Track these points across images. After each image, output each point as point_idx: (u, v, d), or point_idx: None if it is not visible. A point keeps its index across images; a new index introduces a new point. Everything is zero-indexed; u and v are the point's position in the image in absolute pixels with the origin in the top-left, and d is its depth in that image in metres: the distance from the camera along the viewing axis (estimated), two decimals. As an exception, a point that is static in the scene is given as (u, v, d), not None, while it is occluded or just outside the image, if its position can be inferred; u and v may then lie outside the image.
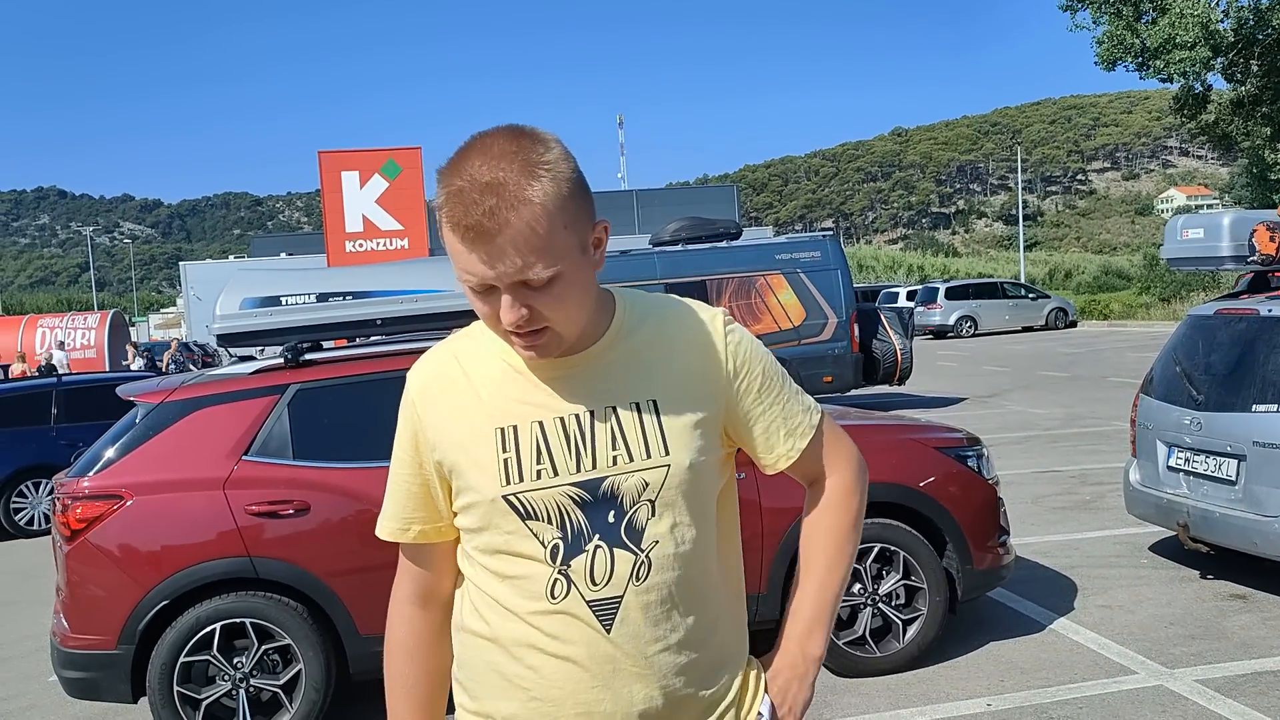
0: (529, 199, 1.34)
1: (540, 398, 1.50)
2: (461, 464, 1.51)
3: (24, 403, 11.00)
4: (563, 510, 1.48)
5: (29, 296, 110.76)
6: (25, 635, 6.68)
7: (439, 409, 1.54)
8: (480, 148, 1.37)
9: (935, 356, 24.41)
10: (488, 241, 1.34)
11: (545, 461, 1.48)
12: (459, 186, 1.35)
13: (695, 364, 1.54)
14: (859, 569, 4.89)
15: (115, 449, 4.58)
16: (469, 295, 1.42)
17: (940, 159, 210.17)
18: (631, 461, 1.48)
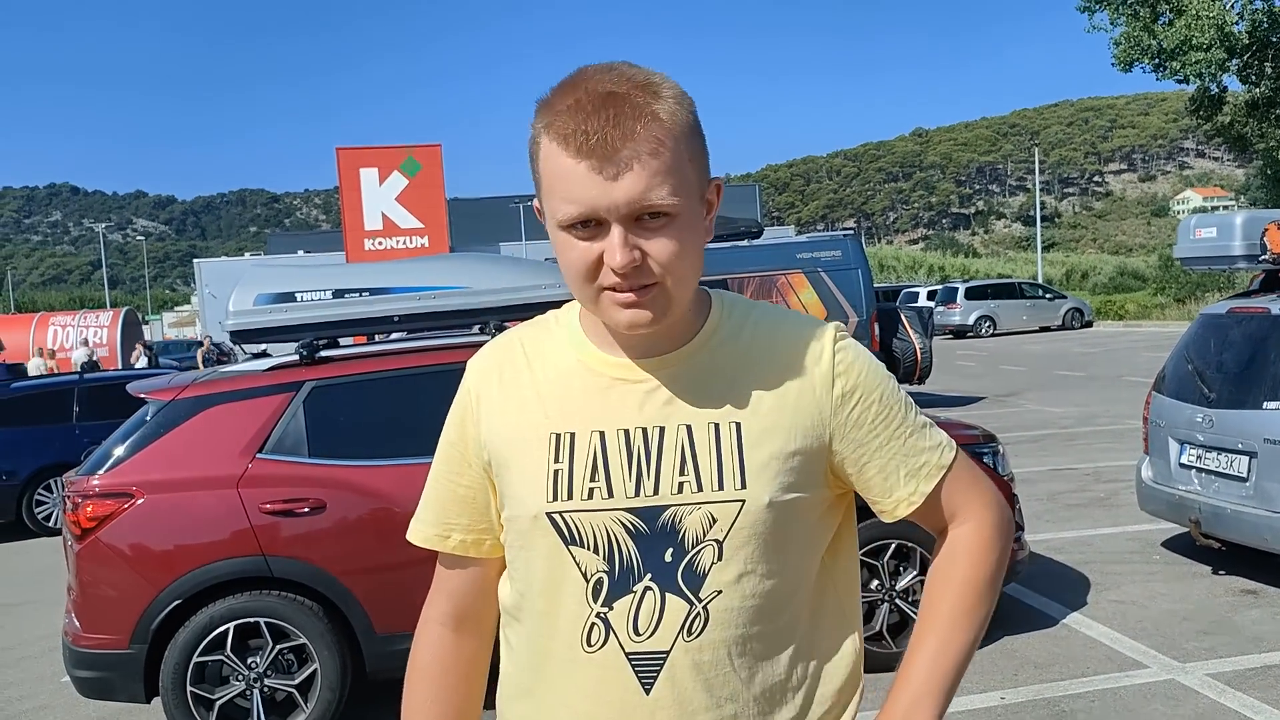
0: (656, 113, 1.16)
1: (606, 403, 1.28)
2: (510, 468, 1.31)
3: (46, 400, 11.02)
4: (613, 539, 1.25)
5: (41, 294, 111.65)
6: (39, 635, 6.70)
7: (495, 403, 1.34)
8: (594, 70, 1.20)
9: (954, 356, 24.32)
10: (607, 155, 1.14)
11: (600, 479, 1.25)
12: (575, 99, 1.16)
13: (795, 385, 1.29)
14: (876, 565, 4.86)
15: (125, 447, 4.57)
16: (561, 243, 1.20)
17: (960, 160, 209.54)
18: (699, 491, 1.24)
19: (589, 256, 1.18)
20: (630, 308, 1.19)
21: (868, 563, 4.87)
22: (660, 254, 1.17)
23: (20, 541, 10.31)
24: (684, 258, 1.19)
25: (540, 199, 1.24)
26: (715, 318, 1.32)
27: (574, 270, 1.20)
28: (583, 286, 1.20)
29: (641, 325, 1.20)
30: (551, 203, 1.19)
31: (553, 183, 1.18)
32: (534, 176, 1.23)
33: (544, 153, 1.18)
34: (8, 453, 10.56)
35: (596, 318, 1.28)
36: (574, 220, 1.17)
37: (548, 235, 1.24)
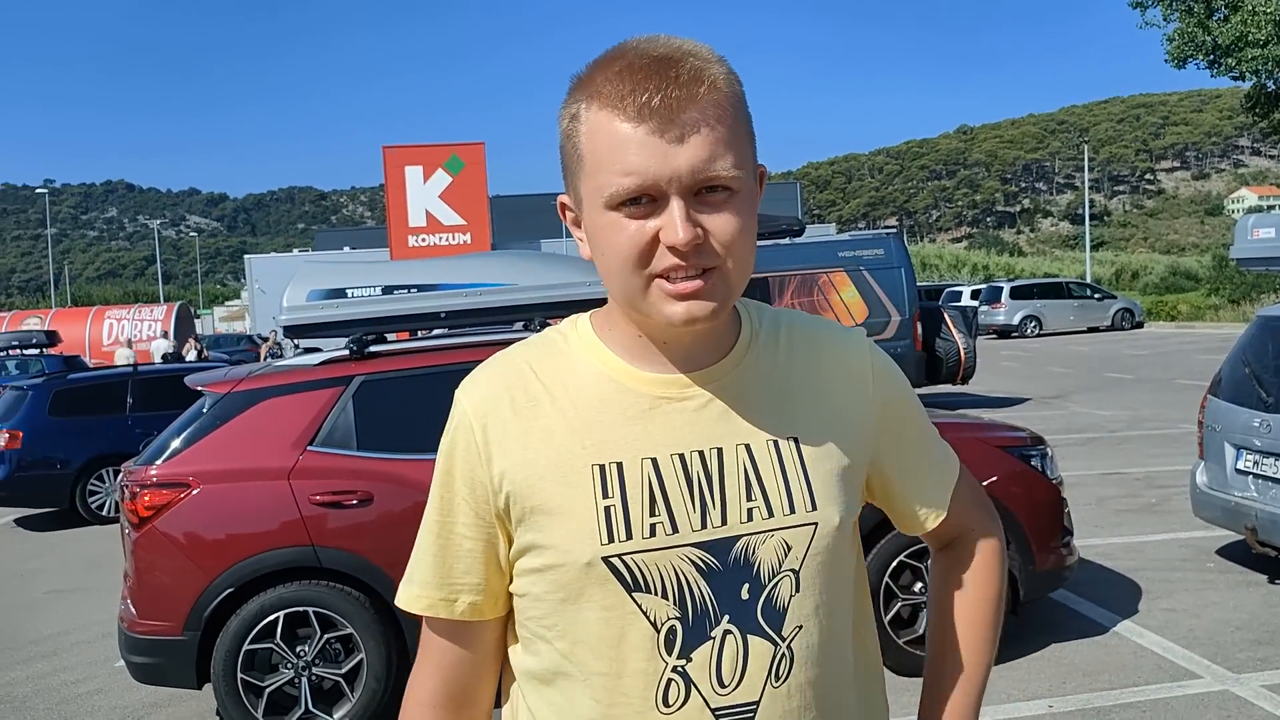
0: (715, 78, 1.05)
1: (652, 425, 1.13)
2: (542, 511, 1.12)
3: (101, 392, 11.23)
4: (683, 580, 1.10)
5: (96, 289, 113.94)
6: (93, 621, 6.85)
7: (512, 436, 1.14)
8: (637, 39, 1.10)
9: (999, 356, 24.06)
10: (669, 117, 1.02)
11: (661, 513, 1.10)
12: (624, 64, 1.05)
13: (841, 393, 1.22)
14: (920, 567, 4.84)
15: (182, 438, 4.67)
16: (607, 226, 1.07)
17: (1006, 157, 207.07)
18: (770, 517, 1.13)
19: (642, 238, 1.04)
20: (687, 298, 1.05)
21: (912, 565, 4.84)
22: (723, 232, 1.05)
23: (75, 529, 10.53)
24: (746, 239, 1.08)
25: (577, 185, 1.10)
26: (748, 324, 1.21)
27: (623, 255, 1.05)
28: (630, 276, 1.06)
29: (701, 318, 1.06)
30: (599, 180, 1.05)
31: (602, 156, 1.05)
32: (568, 162, 1.11)
33: (588, 127, 1.06)
34: (62, 442, 10.76)
35: (624, 325, 1.16)
36: (630, 194, 1.03)
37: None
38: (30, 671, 5.93)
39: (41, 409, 10.83)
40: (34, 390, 11.10)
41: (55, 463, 10.68)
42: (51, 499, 10.79)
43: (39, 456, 10.65)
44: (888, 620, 4.81)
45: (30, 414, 10.79)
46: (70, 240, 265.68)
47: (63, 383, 11.43)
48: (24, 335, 23.44)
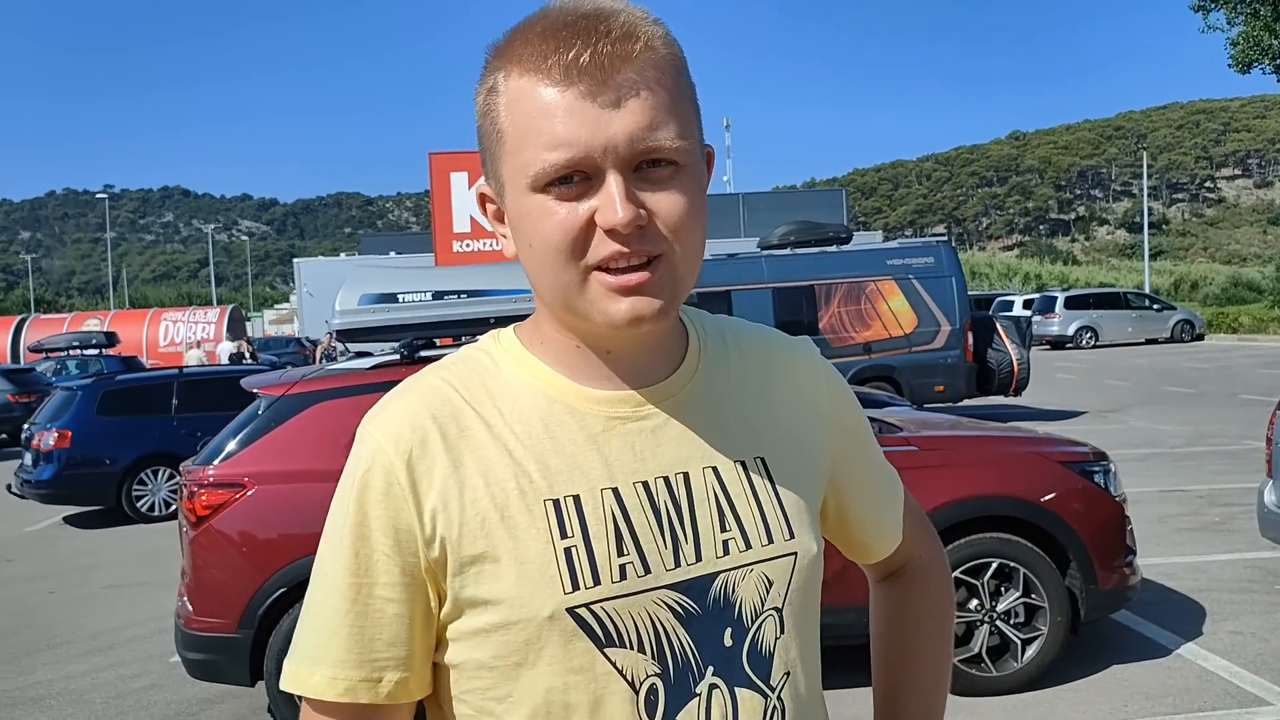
0: (650, 37, 0.91)
1: (609, 451, 0.97)
2: (488, 560, 0.93)
3: (148, 393, 11.42)
4: (660, 629, 0.94)
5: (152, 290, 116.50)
6: (149, 616, 6.94)
7: (443, 472, 0.94)
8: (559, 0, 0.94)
9: (1053, 368, 23.71)
10: (601, 78, 0.87)
11: (630, 551, 0.94)
12: (546, 24, 0.90)
13: (797, 409, 1.09)
14: (975, 584, 4.74)
15: (238, 439, 4.71)
16: (533, 212, 0.91)
17: (1060, 164, 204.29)
18: (748, 549, 0.98)
19: (575, 221, 0.89)
20: (631, 294, 0.90)
21: (966, 581, 4.75)
22: (669, 213, 0.90)
23: (133, 526, 10.70)
24: (696, 223, 0.92)
25: (498, 169, 0.94)
26: (695, 332, 1.07)
27: (553, 244, 0.90)
28: (562, 269, 0.91)
29: (647, 317, 0.91)
30: (522, 158, 0.90)
31: (525, 130, 0.90)
32: (487, 144, 0.95)
33: (508, 98, 0.91)
34: (110, 442, 10.93)
35: (558, 336, 1.00)
36: (559, 171, 0.88)
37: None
38: (88, 665, 6.02)
39: (90, 409, 11.02)
40: (83, 391, 11.30)
41: (102, 461, 10.85)
42: (98, 497, 10.98)
43: (87, 455, 10.83)
44: (943, 636, 4.71)
45: (79, 414, 10.99)
46: (128, 244, 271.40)
47: (111, 383, 11.64)
48: (84, 336, 23.96)
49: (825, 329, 13.52)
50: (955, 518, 4.72)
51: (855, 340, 13.54)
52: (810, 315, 13.55)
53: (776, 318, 13.48)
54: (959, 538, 4.73)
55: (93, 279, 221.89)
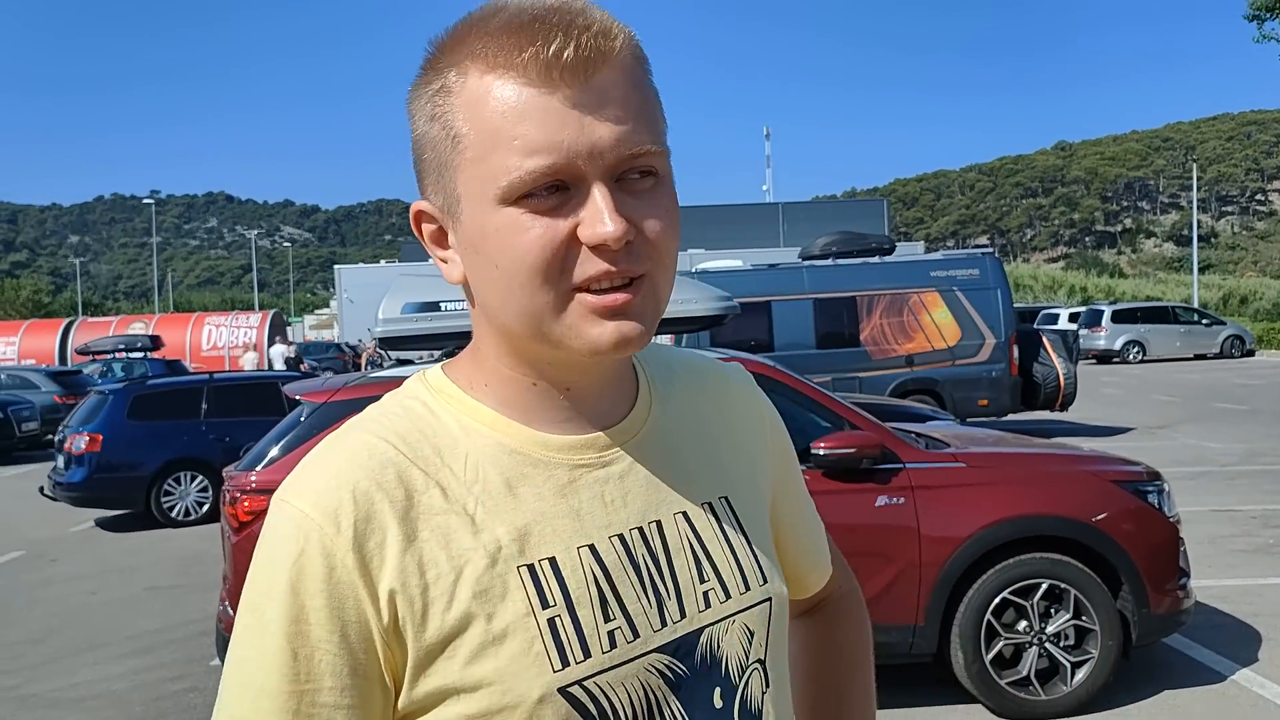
0: (622, 34, 0.82)
1: (579, 503, 0.87)
2: (462, 642, 0.81)
3: (178, 398, 11.46)
4: (653, 700, 0.85)
5: (195, 295, 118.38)
6: (189, 619, 6.98)
7: (396, 545, 0.81)
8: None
9: (1099, 382, 23.36)
10: (581, 79, 0.79)
11: (617, 615, 0.85)
12: (509, 16, 0.81)
13: (746, 441, 1.02)
14: (1025, 605, 4.63)
15: (281, 446, 4.73)
16: (505, 227, 0.80)
17: (1106, 175, 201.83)
18: (728, 599, 0.91)
19: (555, 237, 0.79)
20: (616, 316, 0.81)
21: (1015, 603, 4.65)
22: (652, 229, 0.82)
23: (174, 527, 10.79)
24: (675, 239, 0.84)
25: (450, 181, 0.83)
26: (642, 371, 0.98)
27: (528, 263, 0.79)
28: (538, 291, 0.80)
29: (633, 342, 0.82)
30: (490, 165, 0.79)
31: (494, 134, 0.79)
32: (434, 154, 0.84)
33: (467, 98, 0.81)
34: (139, 446, 10.95)
35: (508, 374, 0.89)
36: (537, 181, 0.78)
37: None
38: (127, 667, 6.06)
39: (121, 413, 11.06)
40: (114, 395, 11.35)
41: (132, 466, 10.87)
42: (127, 501, 11.01)
43: (117, 459, 10.85)
44: (989, 660, 4.62)
45: (110, 418, 11.02)
46: (173, 248, 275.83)
47: (142, 388, 11.70)
48: (129, 339, 24.33)
49: (866, 340, 13.40)
50: (1004, 537, 4.62)
51: (897, 352, 13.40)
52: (852, 327, 13.44)
53: (817, 329, 13.39)
54: (1008, 557, 4.63)
55: (139, 283, 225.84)
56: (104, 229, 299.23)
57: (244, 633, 0.82)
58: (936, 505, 4.62)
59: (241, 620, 0.83)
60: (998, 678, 4.62)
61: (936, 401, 12.86)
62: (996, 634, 4.64)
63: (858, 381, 13.05)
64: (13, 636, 6.85)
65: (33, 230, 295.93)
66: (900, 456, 4.69)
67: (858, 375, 13.16)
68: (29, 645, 6.61)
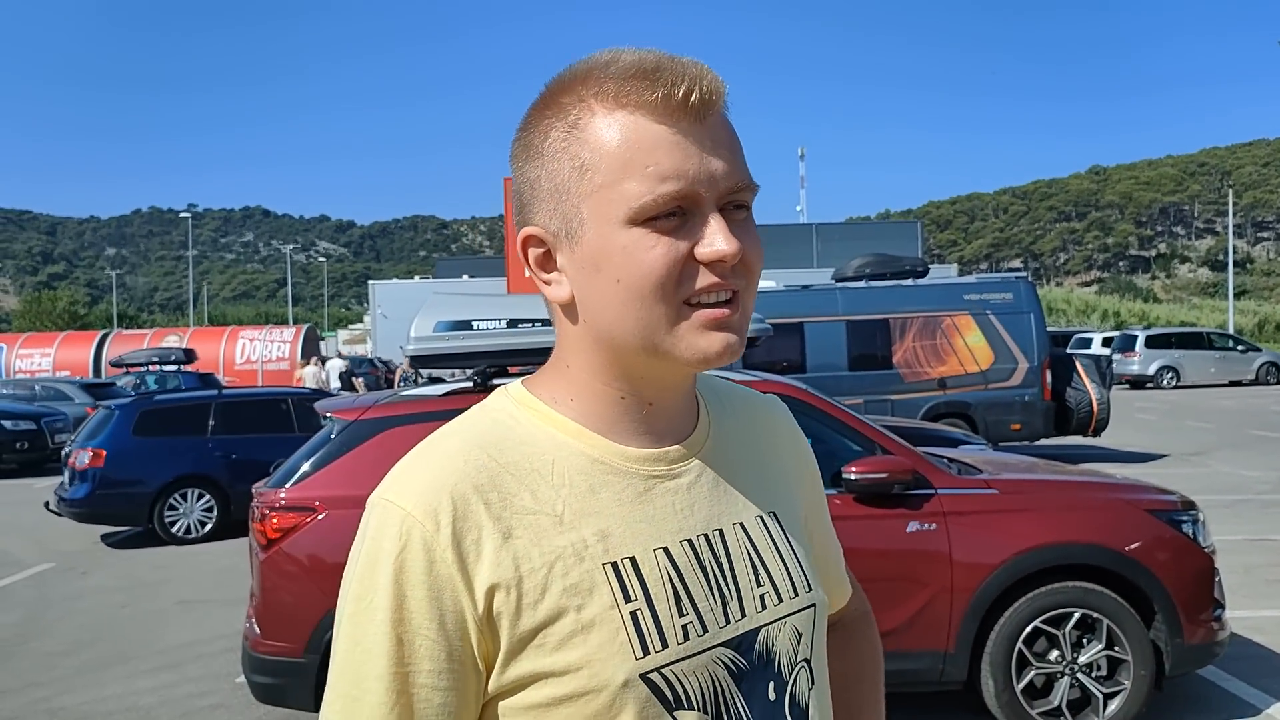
0: (723, 88, 0.93)
1: (654, 510, 0.96)
2: (552, 630, 0.89)
3: (185, 413, 11.36)
4: (719, 688, 0.94)
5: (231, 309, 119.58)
6: (217, 634, 7.02)
7: (492, 542, 0.90)
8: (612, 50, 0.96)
9: (1132, 408, 23.07)
10: (700, 117, 0.90)
11: (689, 611, 0.94)
12: (632, 61, 0.91)
13: (786, 465, 1.13)
14: (1057, 635, 4.57)
15: (311, 463, 4.74)
16: (631, 245, 0.90)
17: (1141, 199, 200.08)
18: (781, 603, 1.00)
19: (676, 254, 0.89)
20: (723, 328, 0.91)
21: (1047, 631, 4.59)
22: (750, 253, 0.92)
23: (205, 542, 10.85)
24: (760, 266, 0.95)
25: (574, 206, 0.92)
26: (700, 394, 1.08)
27: (655, 276, 0.89)
28: (656, 304, 0.90)
29: (734, 351, 0.92)
30: (621, 189, 0.88)
31: (626, 162, 0.88)
32: (558, 182, 0.92)
33: (596, 132, 0.90)
34: (143, 462, 10.82)
35: (598, 389, 0.97)
36: (668, 203, 0.88)
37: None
38: (156, 682, 6.09)
39: (125, 429, 10.92)
40: (120, 410, 11.20)
41: (135, 482, 10.71)
42: (130, 518, 10.88)
43: (120, 476, 10.70)
44: (1020, 689, 4.56)
45: (114, 434, 10.89)
46: (209, 262, 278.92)
47: (148, 403, 11.57)
48: (163, 352, 24.57)
49: (899, 363, 13.33)
50: (1036, 565, 4.57)
51: (930, 375, 13.32)
52: (884, 349, 13.38)
53: (850, 351, 13.34)
54: (1040, 585, 4.58)
55: (174, 296, 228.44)
56: (141, 241, 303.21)
57: (351, 620, 0.91)
58: (968, 531, 4.58)
59: (347, 610, 0.92)
60: (1029, 707, 4.55)
61: (969, 425, 12.75)
62: (1028, 663, 4.59)
63: (890, 404, 12.97)
64: (45, 648, 6.91)
65: (70, 242, 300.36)
66: (932, 482, 4.66)
67: (890, 398, 13.09)
68: (60, 657, 6.67)
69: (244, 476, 10.75)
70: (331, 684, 0.92)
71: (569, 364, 0.99)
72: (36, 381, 22.98)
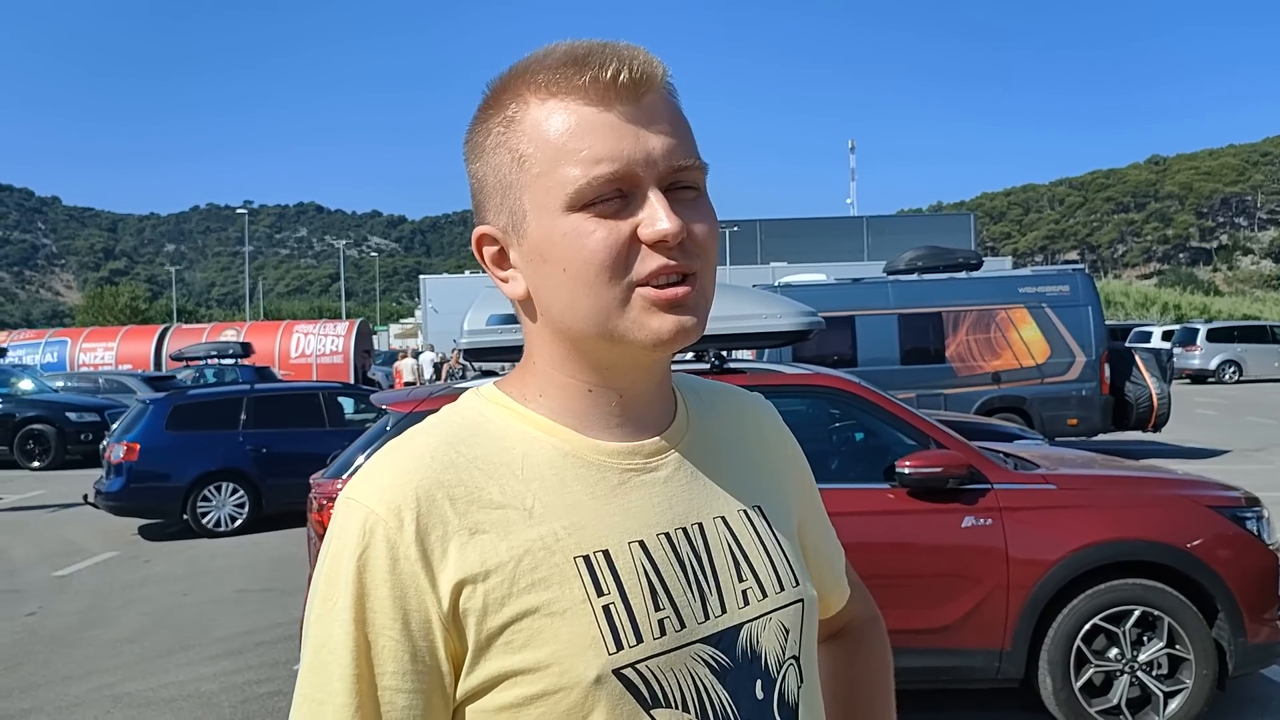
0: (659, 66, 0.92)
1: (628, 503, 0.93)
2: (521, 626, 0.87)
3: (218, 408, 11.49)
4: (700, 686, 0.91)
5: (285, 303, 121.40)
6: (277, 622, 7.14)
7: (457, 538, 0.88)
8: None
9: (1193, 403, 22.63)
10: (633, 99, 0.89)
11: (666, 606, 0.91)
12: (565, 51, 0.90)
13: (773, 461, 1.10)
14: (1116, 633, 4.50)
15: (366, 455, 4.80)
16: (572, 231, 0.88)
17: (1202, 190, 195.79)
18: (765, 598, 0.97)
19: (618, 236, 0.87)
20: (676, 309, 0.89)
21: (1107, 629, 4.52)
22: (700, 233, 0.90)
23: (263, 532, 11.03)
24: (716, 247, 0.93)
25: (516, 200, 0.91)
26: (675, 387, 1.05)
27: (596, 261, 0.87)
28: (604, 289, 0.88)
29: (690, 333, 0.90)
30: (556, 177, 0.88)
31: (560, 149, 0.88)
32: (498, 179, 0.92)
33: (529, 124, 0.90)
34: (176, 456, 10.95)
35: (564, 382, 0.96)
36: (603, 186, 0.87)
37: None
38: (217, 668, 6.21)
39: (159, 424, 11.06)
40: (154, 405, 11.35)
41: (167, 476, 10.82)
42: (164, 511, 11.02)
43: (153, 469, 10.83)
44: (1078, 687, 4.50)
45: (148, 428, 11.03)
46: (265, 257, 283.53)
47: (182, 398, 11.73)
48: (221, 346, 25.05)
49: (952, 357, 13.18)
50: (1095, 561, 4.50)
51: (984, 369, 13.15)
52: (937, 343, 13.23)
53: (902, 345, 13.21)
54: (1099, 583, 4.51)
55: (231, 290, 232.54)
56: (199, 238, 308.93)
57: (316, 620, 0.90)
58: (1025, 527, 4.52)
59: (314, 609, 0.90)
60: (1087, 705, 4.49)
61: (1024, 420, 12.58)
62: (1086, 660, 4.52)
63: (942, 399, 12.83)
64: (108, 635, 7.08)
65: (131, 239, 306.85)
66: (988, 477, 4.60)
67: (942, 392, 12.95)
68: (124, 644, 6.83)
69: (275, 470, 10.96)
70: (299, 685, 0.90)
71: (535, 360, 0.98)
72: (100, 375, 23.49)
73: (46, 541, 10.71)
